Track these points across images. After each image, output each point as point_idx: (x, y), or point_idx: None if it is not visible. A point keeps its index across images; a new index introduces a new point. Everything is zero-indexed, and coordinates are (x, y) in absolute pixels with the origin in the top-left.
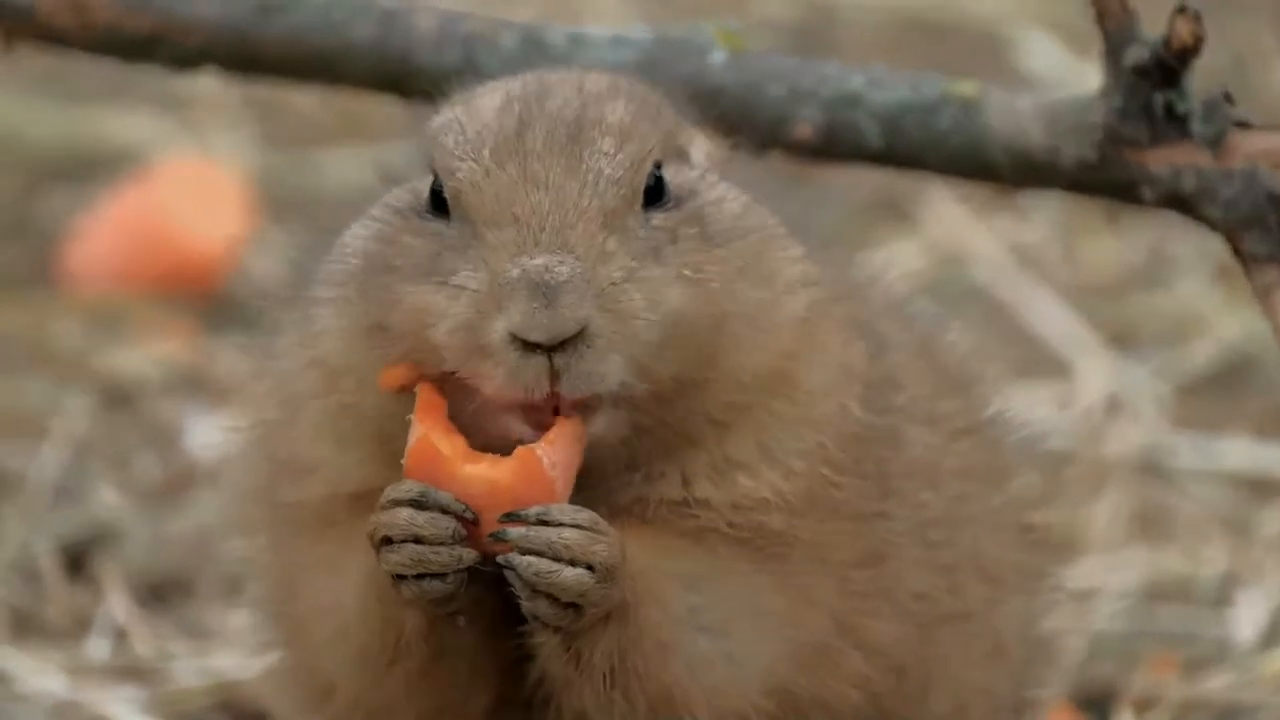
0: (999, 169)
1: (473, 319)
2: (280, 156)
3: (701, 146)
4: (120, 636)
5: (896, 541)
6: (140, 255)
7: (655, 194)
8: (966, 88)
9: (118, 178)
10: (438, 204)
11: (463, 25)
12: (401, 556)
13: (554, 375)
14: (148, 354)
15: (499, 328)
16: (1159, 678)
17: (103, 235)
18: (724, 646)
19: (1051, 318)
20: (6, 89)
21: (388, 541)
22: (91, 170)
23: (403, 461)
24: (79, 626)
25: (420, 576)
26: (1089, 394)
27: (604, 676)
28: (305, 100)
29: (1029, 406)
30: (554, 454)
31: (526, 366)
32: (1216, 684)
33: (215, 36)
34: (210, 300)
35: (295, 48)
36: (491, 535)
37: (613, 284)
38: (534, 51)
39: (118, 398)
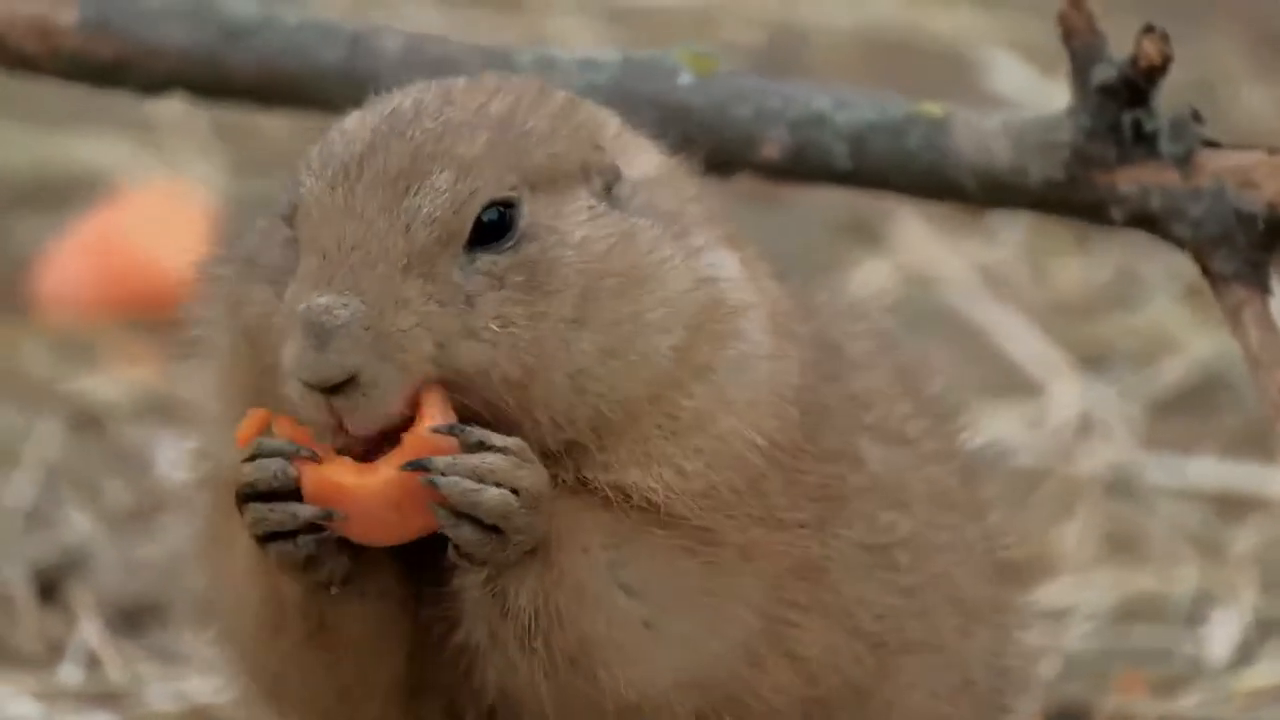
0: (966, 189)
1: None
2: (249, 181)
3: (647, 164)
4: (93, 661)
5: (846, 557)
6: (109, 280)
7: (494, 232)
8: (933, 108)
9: (86, 203)
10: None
11: (431, 48)
12: (248, 516)
13: (336, 412)
14: (118, 379)
15: (284, 359)
16: (1131, 697)
17: (71, 261)
18: (643, 610)
19: (1021, 338)
20: None
21: (244, 502)
22: (60, 196)
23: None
24: (52, 652)
25: (273, 538)
26: (1059, 414)
27: (528, 620)
28: (274, 124)
29: (999, 427)
30: (439, 417)
31: (307, 401)
32: (1189, 703)
33: (182, 61)
34: (180, 325)
35: (263, 72)
36: (411, 464)
37: (400, 331)
38: (501, 75)
39: (88, 423)
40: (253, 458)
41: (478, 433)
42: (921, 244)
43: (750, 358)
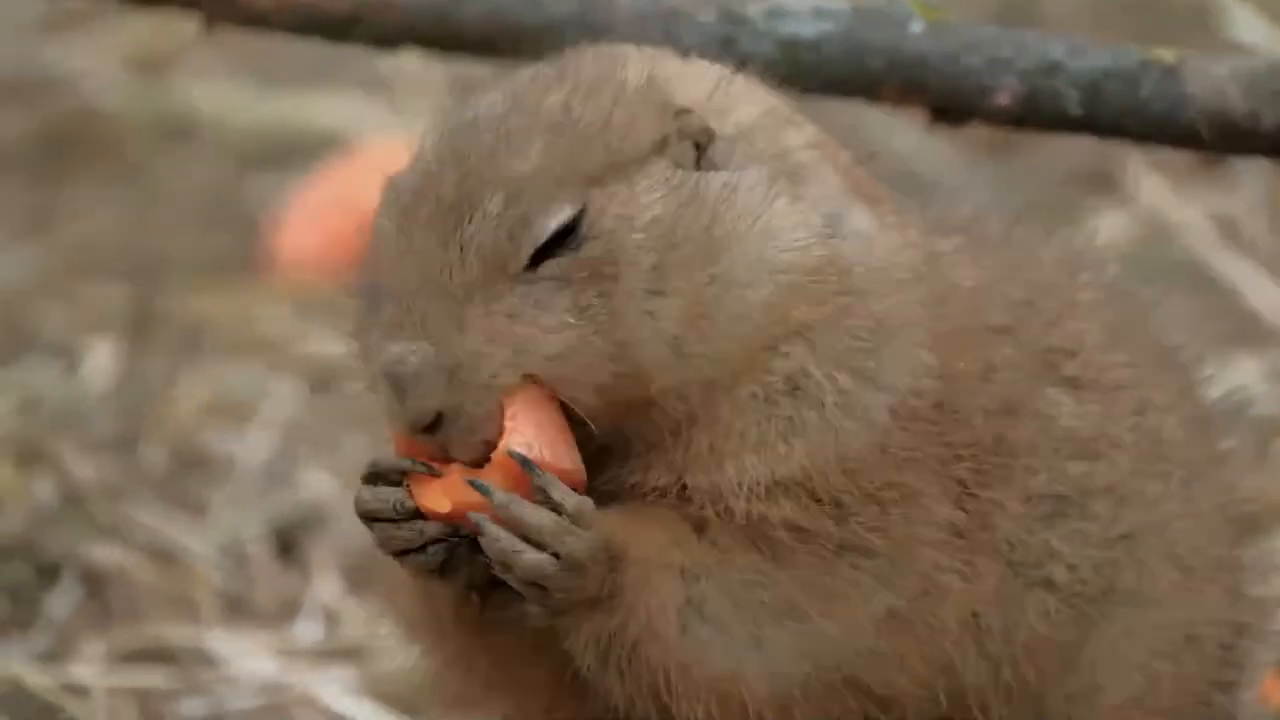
0: (1199, 135)
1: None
2: None
3: (747, 115)
4: (330, 618)
5: (1024, 509)
6: (346, 238)
7: (558, 238)
8: (1166, 54)
9: (322, 161)
10: None
11: (663, 0)
12: (375, 535)
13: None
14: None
15: (380, 408)
16: None
17: (308, 219)
18: (726, 638)
19: (1260, 288)
20: (209, 74)
21: (369, 522)
22: (296, 154)
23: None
24: (288, 609)
25: (405, 553)
26: None
27: (594, 658)
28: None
29: (1237, 377)
30: (524, 435)
31: (417, 441)
32: None
33: (414, 15)
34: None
35: (496, 25)
36: (472, 481)
37: (471, 353)
38: (733, 26)
39: (325, 381)
40: (372, 478)
41: (545, 478)
42: (1160, 194)
43: (862, 313)
